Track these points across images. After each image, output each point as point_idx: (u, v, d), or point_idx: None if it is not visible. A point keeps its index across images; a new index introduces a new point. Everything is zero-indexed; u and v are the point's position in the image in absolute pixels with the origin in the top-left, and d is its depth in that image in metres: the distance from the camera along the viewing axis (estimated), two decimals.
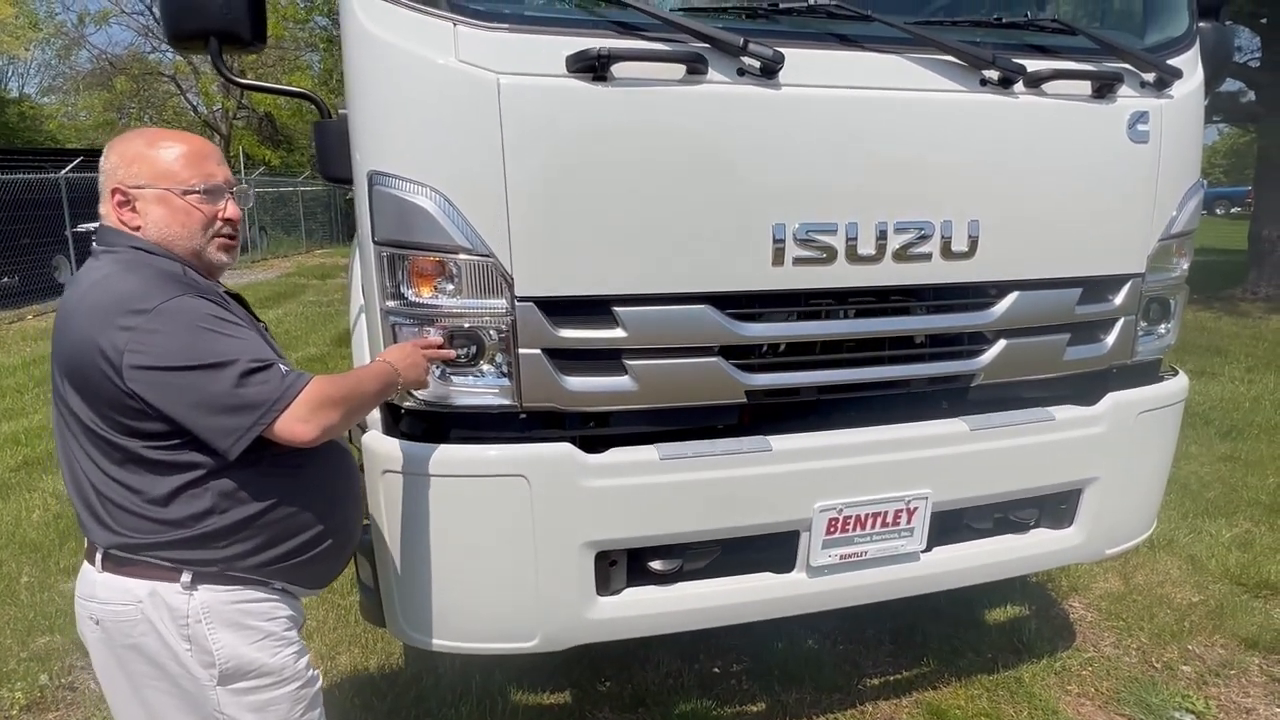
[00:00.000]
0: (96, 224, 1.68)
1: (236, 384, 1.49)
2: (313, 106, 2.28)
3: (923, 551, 2.33)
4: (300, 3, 24.75)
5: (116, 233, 1.64)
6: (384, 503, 2.03)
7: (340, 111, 2.11)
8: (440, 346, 1.93)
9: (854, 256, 2.07)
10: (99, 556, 1.60)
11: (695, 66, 1.88)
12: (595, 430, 2.13)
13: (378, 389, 1.75)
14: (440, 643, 2.14)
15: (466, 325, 1.94)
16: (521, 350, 1.95)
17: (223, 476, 1.57)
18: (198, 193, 1.65)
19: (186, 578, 1.58)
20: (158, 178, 1.63)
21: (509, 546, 2.03)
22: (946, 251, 2.15)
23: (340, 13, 1.97)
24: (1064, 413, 2.41)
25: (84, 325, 1.51)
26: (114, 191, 1.62)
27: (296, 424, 1.52)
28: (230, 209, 1.71)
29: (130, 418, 1.51)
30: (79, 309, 1.54)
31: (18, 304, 11.91)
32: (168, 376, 1.47)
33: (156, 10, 24.85)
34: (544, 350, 1.96)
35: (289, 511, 1.67)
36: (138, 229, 1.63)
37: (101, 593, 1.60)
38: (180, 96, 28.95)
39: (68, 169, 12.89)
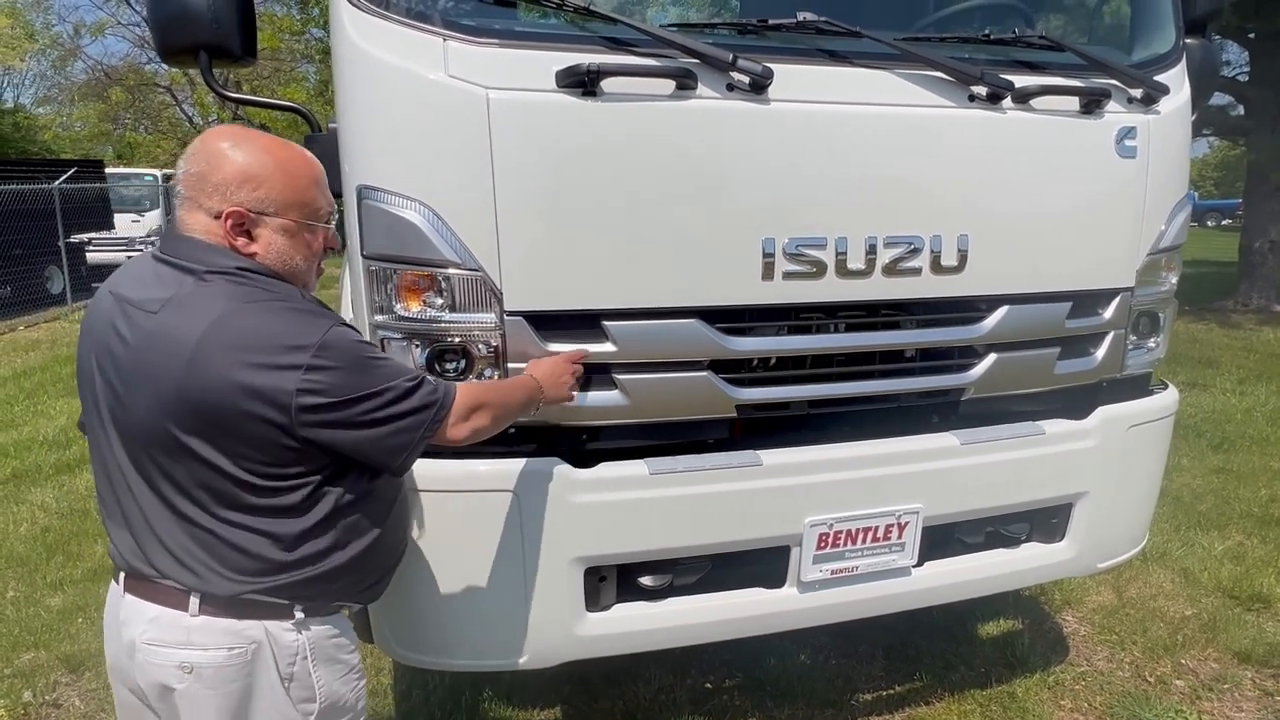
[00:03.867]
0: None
1: (404, 402, 1.48)
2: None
3: (914, 566, 2.32)
4: (296, 15, 24.83)
5: (217, 250, 1.47)
6: None
7: (330, 125, 2.12)
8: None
9: (843, 271, 2.08)
10: (195, 601, 1.48)
11: (684, 82, 1.89)
12: (585, 445, 2.12)
13: (523, 399, 1.78)
14: (428, 659, 2.13)
15: (455, 340, 1.94)
16: (511, 364, 1.94)
17: (348, 513, 1.54)
18: (326, 225, 1.57)
19: (300, 614, 1.53)
20: (289, 208, 1.49)
21: (498, 562, 2.02)
22: (936, 266, 2.15)
23: (331, 28, 1.98)
24: (1054, 427, 2.41)
25: (217, 366, 1.37)
26: (230, 214, 1.45)
27: (453, 427, 1.57)
28: (332, 234, 1.62)
29: (280, 460, 1.43)
30: (204, 347, 1.37)
31: (9, 315, 11.83)
32: (345, 411, 1.42)
33: None
34: None
35: (388, 539, 1.68)
36: (252, 254, 1.49)
37: (199, 638, 1.48)
38: (176, 107, 29.00)
39: (61, 179, 12.89)
